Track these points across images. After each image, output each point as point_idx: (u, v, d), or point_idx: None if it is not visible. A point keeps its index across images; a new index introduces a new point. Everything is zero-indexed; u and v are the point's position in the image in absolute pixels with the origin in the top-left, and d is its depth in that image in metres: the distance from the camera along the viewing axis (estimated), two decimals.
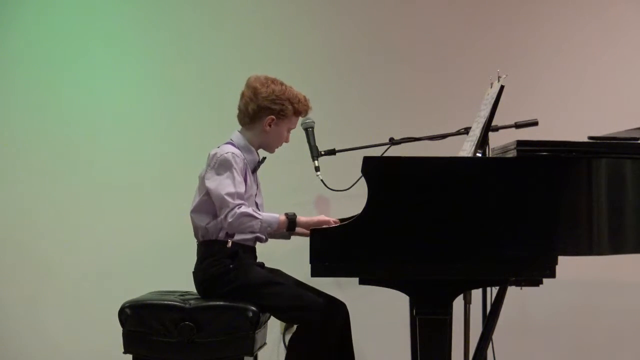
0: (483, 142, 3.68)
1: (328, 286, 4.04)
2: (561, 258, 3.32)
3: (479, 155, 3.61)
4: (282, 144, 4.00)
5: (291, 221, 3.78)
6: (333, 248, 3.32)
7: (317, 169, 4.13)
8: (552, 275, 3.31)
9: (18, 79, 5.01)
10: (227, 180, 3.77)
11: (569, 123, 4.82)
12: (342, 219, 3.74)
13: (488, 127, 3.64)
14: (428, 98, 4.97)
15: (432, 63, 4.99)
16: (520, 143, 3.35)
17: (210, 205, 3.83)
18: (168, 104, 5.01)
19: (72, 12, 5.02)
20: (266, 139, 3.95)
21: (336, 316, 3.81)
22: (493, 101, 3.55)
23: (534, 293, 3.66)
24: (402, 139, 4.33)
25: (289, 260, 4.15)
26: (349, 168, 3.74)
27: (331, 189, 4.14)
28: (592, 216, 3.34)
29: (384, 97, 4.98)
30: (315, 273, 3.33)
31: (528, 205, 3.31)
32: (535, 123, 4.27)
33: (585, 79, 4.98)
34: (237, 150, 3.87)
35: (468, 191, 3.31)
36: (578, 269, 4.08)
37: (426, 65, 4.99)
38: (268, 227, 3.78)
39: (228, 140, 3.94)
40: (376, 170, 3.33)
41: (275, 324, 4.58)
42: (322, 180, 4.09)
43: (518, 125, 4.26)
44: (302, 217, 3.80)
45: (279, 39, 5.01)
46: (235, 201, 3.73)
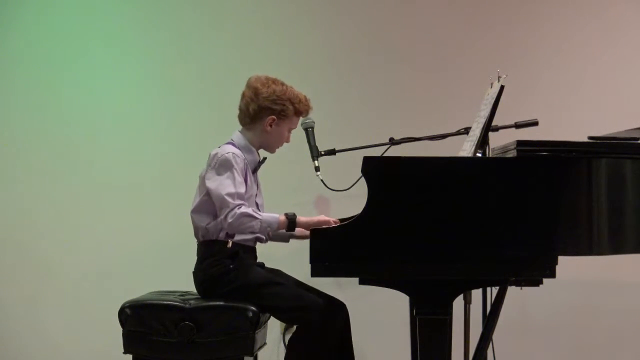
0: (483, 142, 3.68)
1: (328, 286, 4.04)
2: (561, 258, 3.32)
3: (479, 155, 3.61)
4: (283, 144, 4.01)
5: (291, 221, 3.77)
6: (333, 248, 3.32)
7: (317, 169, 4.13)
8: (552, 275, 3.31)
9: (18, 79, 5.01)
10: (228, 180, 3.77)
11: (569, 123, 4.81)
12: (342, 219, 3.74)
13: (488, 127, 3.64)
14: (428, 98, 4.97)
15: (432, 63, 4.99)
16: (520, 143, 3.35)
17: (210, 205, 3.83)
18: (168, 104, 5.01)
19: (72, 12, 5.02)
20: (267, 139, 3.95)
21: (336, 316, 3.81)
22: (493, 101, 3.55)
23: (534, 293, 3.66)
24: (402, 139, 4.32)
25: (289, 260, 4.15)
26: (349, 168, 3.74)
27: (331, 189, 4.13)
28: (592, 216, 3.34)
29: (384, 97, 4.98)
30: (315, 273, 3.33)
31: (528, 205, 3.31)
32: (535, 123, 4.27)
33: (585, 79, 4.98)
34: (238, 150, 3.87)
35: (468, 191, 3.31)
36: (578, 269, 4.08)
37: (426, 65, 4.99)
38: (268, 228, 3.78)
39: (229, 140, 3.94)
40: (376, 170, 3.33)
41: (275, 324, 4.58)
42: (322, 180, 4.08)
43: (518, 125, 4.26)
44: (302, 217, 3.79)
45: (279, 39, 5.01)
46: (235, 201, 3.73)
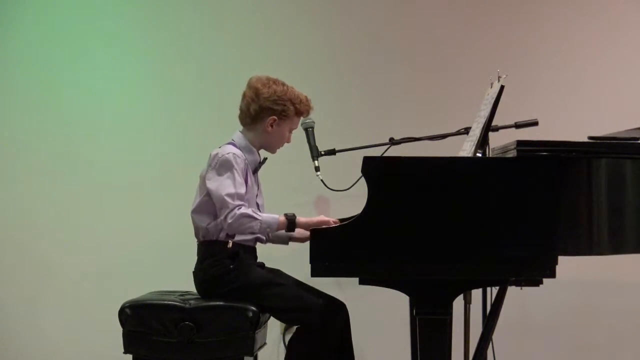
0: (483, 142, 3.68)
1: (328, 286, 4.03)
2: (561, 258, 3.32)
3: (479, 155, 3.61)
4: (284, 145, 4.01)
5: (291, 222, 3.77)
6: (333, 248, 3.32)
7: (317, 169, 4.13)
8: (552, 275, 3.31)
9: (18, 79, 5.01)
10: (228, 180, 3.77)
11: (569, 123, 4.81)
12: (342, 219, 3.74)
13: (488, 127, 3.64)
14: (428, 98, 4.97)
15: (432, 63, 4.99)
16: (520, 143, 3.35)
17: (211, 205, 3.82)
18: (168, 104, 5.01)
19: (72, 12, 5.02)
20: (268, 140, 3.95)
21: (336, 317, 3.81)
22: (493, 101, 3.55)
23: (534, 293, 3.66)
24: (402, 139, 4.32)
25: (289, 260, 4.15)
26: (349, 168, 3.74)
27: (331, 189, 4.13)
28: (592, 216, 3.34)
29: (384, 97, 4.98)
30: (315, 273, 3.33)
31: (528, 205, 3.31)
32: (535, 123, 4.27)
33: (585, 79, 4.98)
34: (239, 150, 3.87)
35: (468, 191, 3.31)
36: (578, 269, 4.08)
37: (426, 65, 4.98)
38: (267, 228, 3.78)
39: (229, 140, 3.94)
40: (376, 170, 3.33)
41: (275, 324, 4.58)
42: (322, 180, 4.08)
43: (518, 125, 4.26)
44: (302, 218, 3.79)
45: (279, 39, 5.01)
46: (235, 202, 3.73)
